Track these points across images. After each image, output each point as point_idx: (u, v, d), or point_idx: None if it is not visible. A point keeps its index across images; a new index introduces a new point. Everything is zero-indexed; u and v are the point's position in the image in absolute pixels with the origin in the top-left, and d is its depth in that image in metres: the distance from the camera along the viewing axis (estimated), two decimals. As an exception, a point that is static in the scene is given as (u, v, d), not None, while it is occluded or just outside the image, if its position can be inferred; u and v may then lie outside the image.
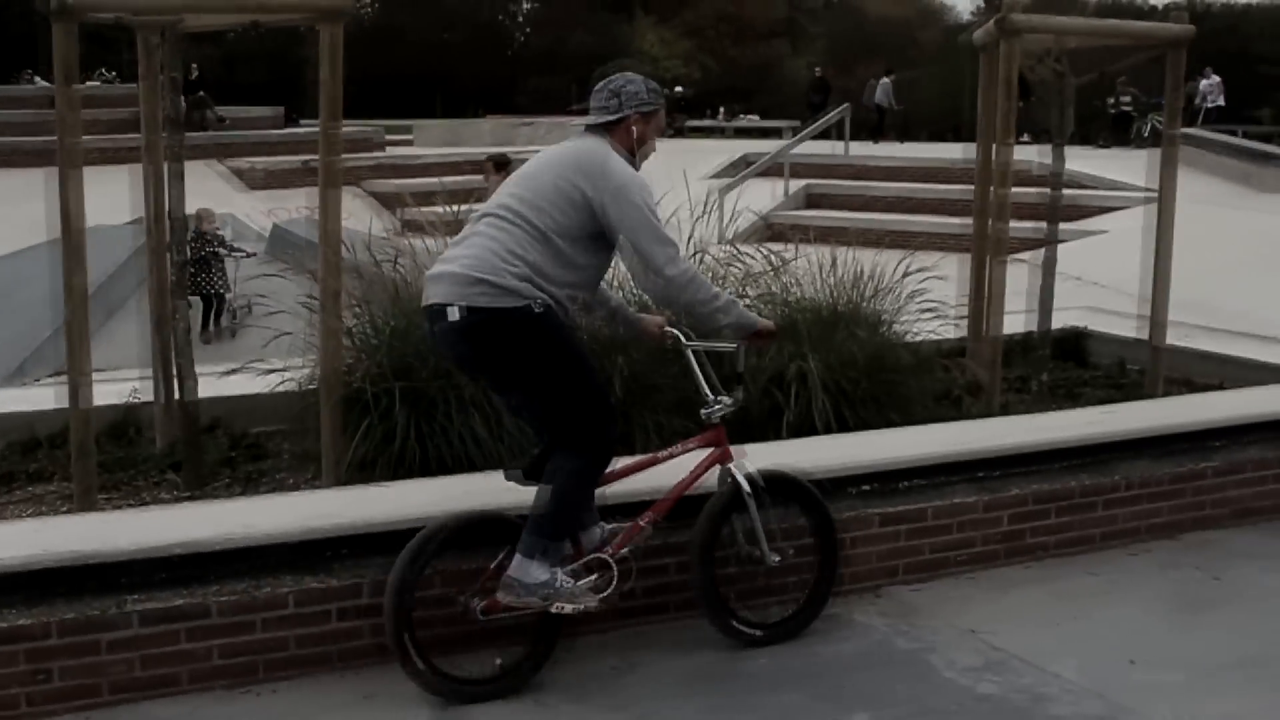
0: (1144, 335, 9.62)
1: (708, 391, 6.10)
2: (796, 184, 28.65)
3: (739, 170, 28.41)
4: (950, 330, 9.18)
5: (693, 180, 24.08)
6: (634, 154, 5.90)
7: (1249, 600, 6.84)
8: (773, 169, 28.51)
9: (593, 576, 5.79)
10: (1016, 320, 9.73)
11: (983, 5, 71.37)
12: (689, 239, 8.51)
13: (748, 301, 8.31)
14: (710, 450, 6.15)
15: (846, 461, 6.77)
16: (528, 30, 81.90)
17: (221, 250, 17.90)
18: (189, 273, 10.14)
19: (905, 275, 8.62)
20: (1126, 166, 25.77)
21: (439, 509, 5.91)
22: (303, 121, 35.68)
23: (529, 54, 76.80)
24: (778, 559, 6.16)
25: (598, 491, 5.88)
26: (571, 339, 5.85)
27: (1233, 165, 27.88)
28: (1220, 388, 9.43)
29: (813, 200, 28.74)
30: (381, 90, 60.48)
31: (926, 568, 6.90)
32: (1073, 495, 7.28)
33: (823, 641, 6.21)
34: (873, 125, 41.76)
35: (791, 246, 8.94)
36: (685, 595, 6.25)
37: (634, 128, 5.87)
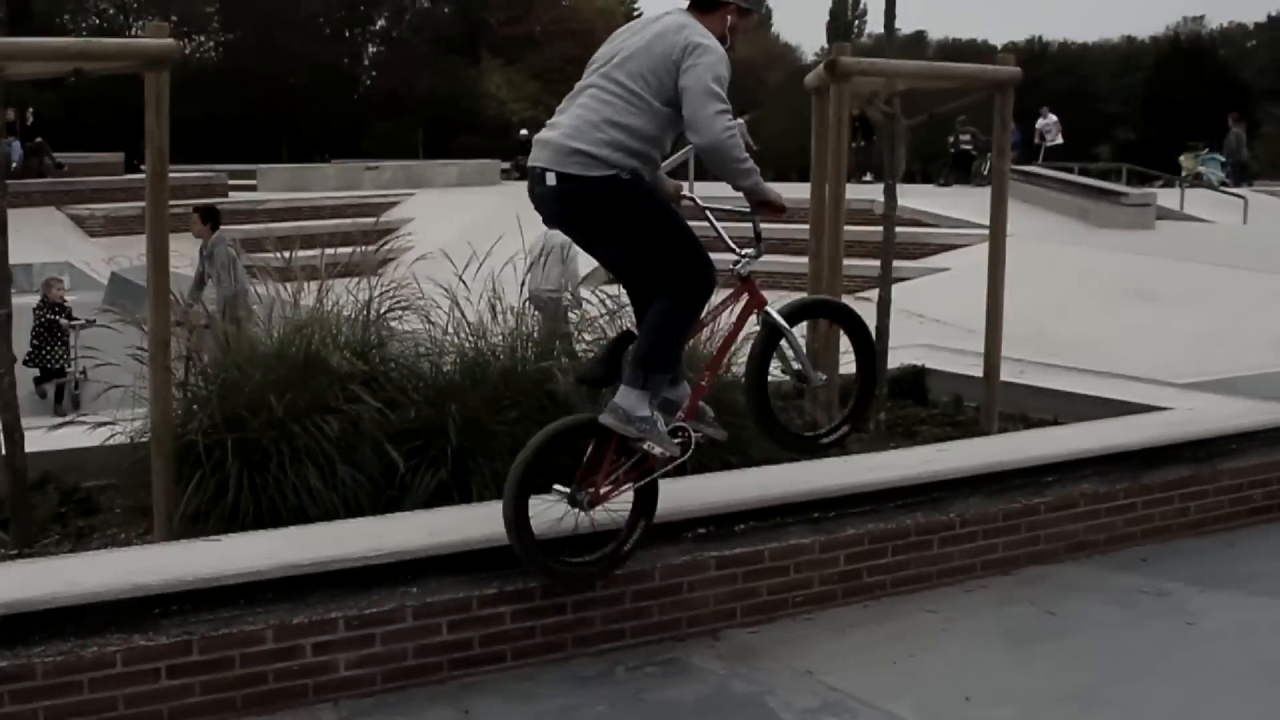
0: (981, 372, 9.71)
1: (734, 248, 6.62)
2: (643, 225, 28.74)
3: (585, 212, 28.39)
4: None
5: (540, 222, 24.12)
6: (724, 43, 6.33)
7: (1082, 633, 6.92)
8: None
9: (679, 439, 6.43)
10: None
11: (826, 47, 72.22)
12: (522, 285, 8.50)
13: (586, 346, 8.31)
14: (744, 300, 6.70)
15: (683, 506, 6.76)
16: (374, 74, 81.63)
17: (64, 320, 17.59)
18: (32, 343, 9.97)
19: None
20: (968, 204, 26.17)
21: (270, 562, 5.88)
22: (143, 167, 35.18)
23: (375, 98, 76.55)
24: (824, 376, 6.97)
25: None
26: (656, 197, 6.41)
27: (1070, 202, 28.41)
28: (1055, 423, 9.53)
29: (658, 240, 28.82)
30: (227, 134, 60.05)
31: (764, 609, 6.89)
32: (909, 534, 7.33)
33: (660, 687, 6.19)
34: None
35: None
36: (523, 644, 6.23)
37: (729, 17, 6.43)
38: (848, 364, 7.34)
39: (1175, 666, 6.55)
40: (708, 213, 6.72)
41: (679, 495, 6.91)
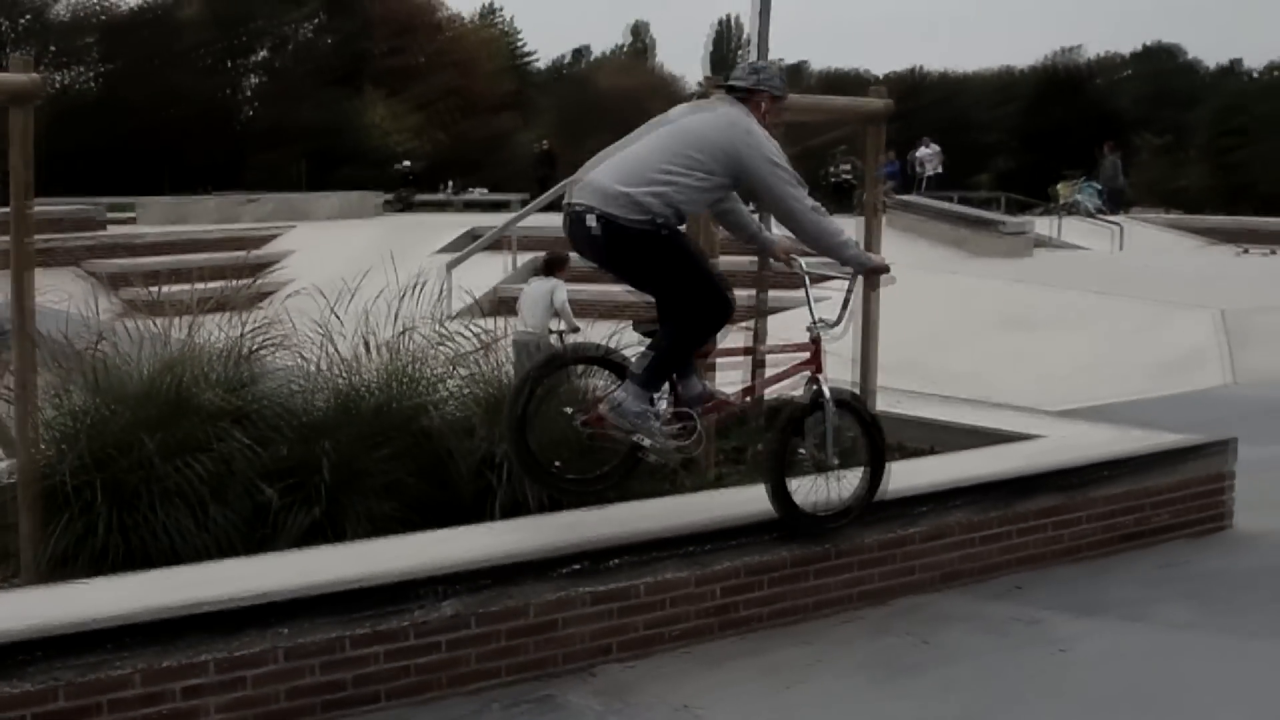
0: (856, 403, 9.75)
1: (813, 311, 7.33)
2: (524, 257, 28.69)
3: (467, 244, 28.37)
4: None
5: (422, 255, 24.06)
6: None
7: (956, 662, 6.98)
8: (501, 242, 28.50)
9: (676, 426, 7.00)
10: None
11: (708, 77, 72.59)
12: (395, 317, 8.46)
13: (459, 381, 8.29)
14: (805, 357, 7.36)
15: (556, 542, 6.73)
16: (255, 105, 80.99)
17: None
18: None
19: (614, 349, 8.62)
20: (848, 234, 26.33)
21: (138, 605, 5.78)
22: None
23: (257, 129, 75.91)
24: (837, 462, 7.34)
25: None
26: (688, 247, 7.02)
27: (948, 231, 28.75)
28: (930, 452, 9.60)
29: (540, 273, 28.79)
30: (107, 166, 59.30)
31: (639, 645, 6.89)
32: (784, 566, 7.35)
33: (535, 726, 6.18)
34: None
35: (504, 323, 8.92)
36: (396, 684, 6.19)
37: (763, 103, 7.14)
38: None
39: (1046, 695, 6.62)
40: (806, 279, 7.43)
41: (552, 531, 6.91)
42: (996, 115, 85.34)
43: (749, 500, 7.54)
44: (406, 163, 56.72)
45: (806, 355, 7.38)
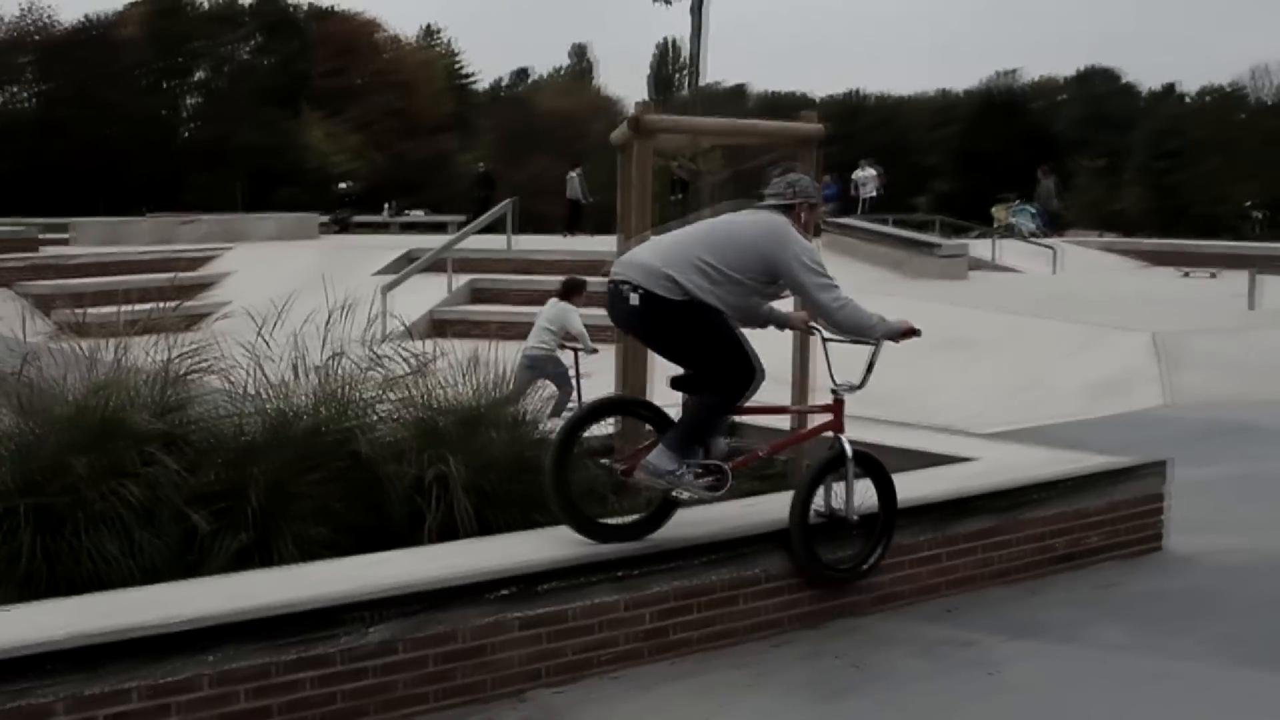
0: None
1: (833, 375, 7.80)
2: (462, 279, 28.63)
3: (405, 266, 28.30)
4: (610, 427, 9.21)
5: (359, 278, 23.98)
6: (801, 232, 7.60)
7: (887, 686, 6.98)
8: (439, 264, 28.44)
9: (710, 478, 7.39)
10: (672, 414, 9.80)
11: (648, 99, 72.74)
12: (323, 342, 8.41)
13: (391, 405, 8.25)
14: (829, 418, 7.86)
15: (486, 566, 6.69)
16: (193, 125, 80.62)
17: None
18: None
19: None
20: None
21: (64, 632, 5.71)
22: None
23: (194, 149, 75.53)
24: (857, 518, 7.77)
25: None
26: (723, 325, 7.40)
27: (885, 253, 28.86)
28: (865, 475, 9.58)
29: (478, 295, 28.73)
30: (44, 187, 58.91)
31: (570, 669, 6.86)
32: (715, 590, 7.34)
33: (464, 751, 6.14)
34: (567, 218, 42.18)
35: (435, 346, 8.88)
36: (324, 710, 6.16)
37: (801, 213, 7.69)
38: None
39: (977, 718, 6.62)
40: (825, 345, 7.84)
41: (482, 556, 6.88)
42: (935, 138, 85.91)
43: (680, 524, 7.52)
44: (345, 184, 56.60)
45: (830, 416, 7.85)
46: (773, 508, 7.99)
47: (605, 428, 9.09)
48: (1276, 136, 75.77)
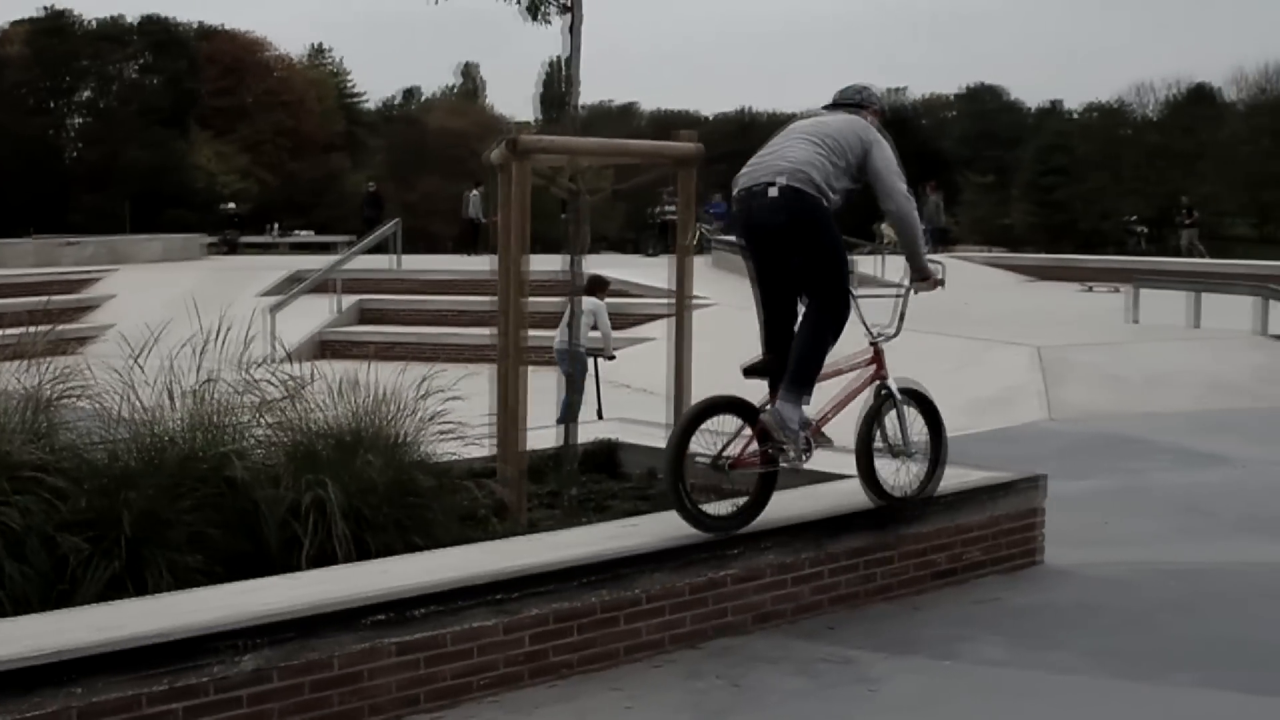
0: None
1: (869, 325, 8.44)
2: (349, 300, 28.52)
3: (291, 287, 28.12)
4: (489, 448, 9.18)
5: (245, 299, 23.78)
6: None
7: (767, 704, 6.98)
8: (327, 285, 28.29)
9: (807, 444, 8.14)
10: (551, 435, 9.79)
11: (539, 119, 72.66)
12: (199, 366, 8.31)
13: (266, 429, 8.17)
14: (874, 368, 8.54)
15: (360, 592, 6.62)
16: (79, 146, 79.79)
17: None
18: None
19: (426, 395, 8.55)
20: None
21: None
22: None
23: (81, 170, 74.77)
24: (915, 451, 8.61)
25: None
26: (839, 236, 8.10)
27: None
28: (746, 493, 9.57)
29: (366, 316, 28.64)
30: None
31: (448, 694, 6.80)
32: (594, 612, 7.30)
33: (337, 779, 6.07)
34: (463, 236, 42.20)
35: (313, 369, 8.79)
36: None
37: (868, 117, 8.48)
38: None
39: (854, 736, 6.65)
40: (855, 300, 8.23)
41: (358, 581, 6.81)
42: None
43: (557, 546, 7.50)
44: (232, 205, 56.16)
45: (874, 366, 8.56)
46: (652, 528, 7.98)
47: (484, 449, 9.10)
48: (1159, 152, 77.01)
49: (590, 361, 17.34)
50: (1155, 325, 21.46)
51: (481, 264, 31.47)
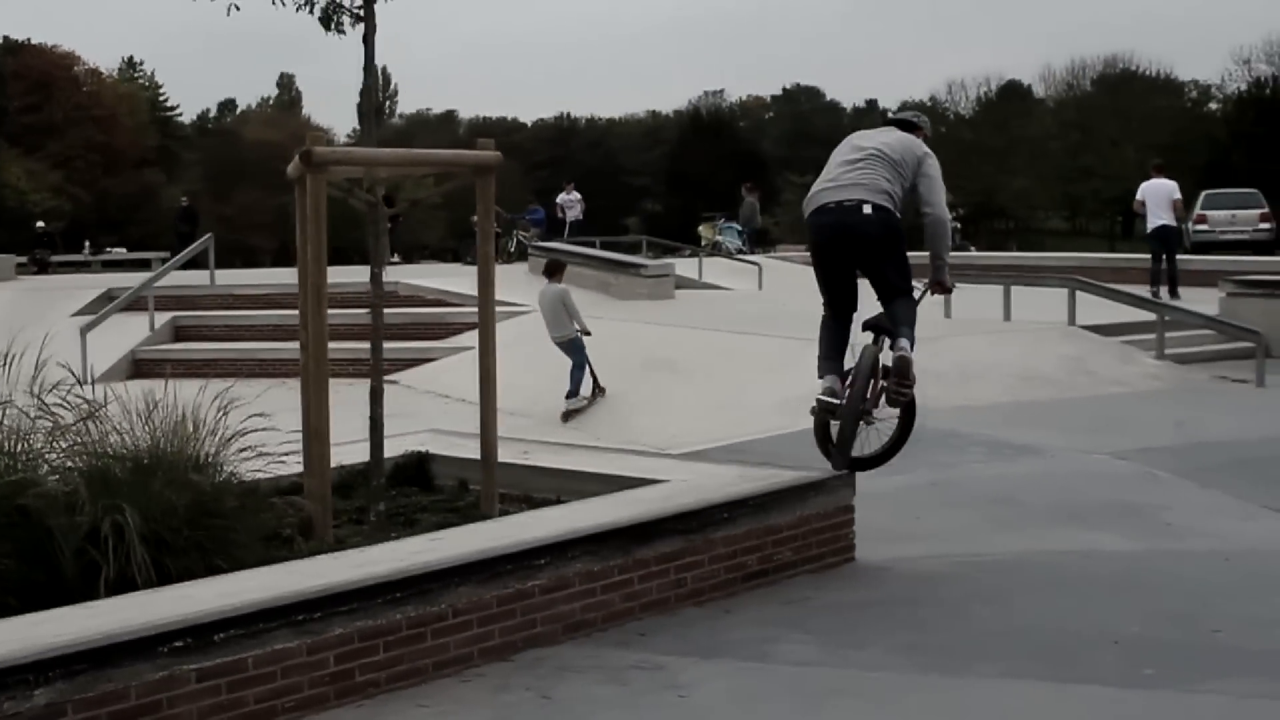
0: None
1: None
2: (164, 317, 28.08)
3: (104, 306, 27.64)
4: (295, 465, 9.06)
5: (56, 319, 23.29)
6: None
7: (577, 715, 6.96)
8: (141, 303, 27.83)
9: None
10: (361, 449, 9.70)
11: (358, 128, 72.16)
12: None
13: (59, 455, 7.99)
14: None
15: (156, 619, 6.49)
16: (-120, 166, 77.85)
17: None
18: None
19: (228, 412, 8.41)
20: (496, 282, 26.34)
21: None
22: None
23: (-118, 191, 72.95)
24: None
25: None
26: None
27: (592, 275, 29.01)
28: (557, 502, 9.57)
29: (181, 333, 28.22)
30: None
31: (253, 719, 6.70)
32: (400, 628, 7.23)
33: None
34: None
35: (108, 390, 8.62)
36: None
37: (919, 135, 10.18)
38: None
39: (663, 742, 6.64)
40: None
41: (157, 608, 6.68)
42: (645, 159, 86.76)
43: (360, 563, 7.43)
44: (41, 223, 55.08)
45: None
46: (458, 541, 7.95)
47: (292, 466, 8.97)
48: (973, 148, 78.27)
49: (583, 339, 19.58)
50: (968, 319, 21.75)
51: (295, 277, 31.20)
